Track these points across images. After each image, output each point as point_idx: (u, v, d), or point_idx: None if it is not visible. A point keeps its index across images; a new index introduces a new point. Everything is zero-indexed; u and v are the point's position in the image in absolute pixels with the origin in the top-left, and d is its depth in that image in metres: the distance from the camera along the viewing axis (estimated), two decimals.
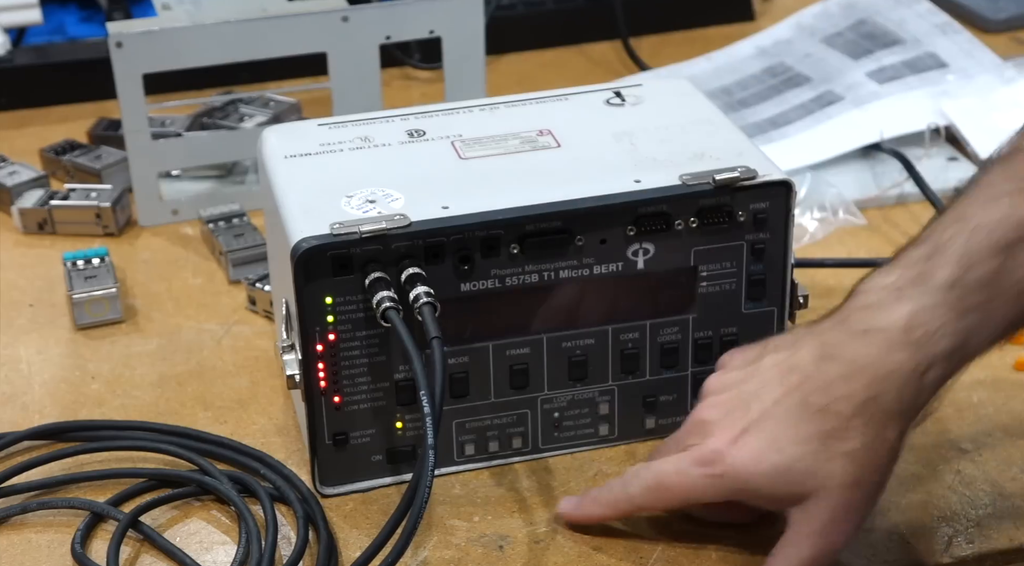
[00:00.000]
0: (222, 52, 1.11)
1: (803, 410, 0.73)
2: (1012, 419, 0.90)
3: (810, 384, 0.74)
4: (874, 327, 0.73)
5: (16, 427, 0.91)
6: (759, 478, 0.74)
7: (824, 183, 1.13)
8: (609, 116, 0.91)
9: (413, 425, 0.85)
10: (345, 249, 0.79)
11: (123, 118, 1.11)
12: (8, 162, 1.19)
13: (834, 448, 0.73)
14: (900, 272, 0.74)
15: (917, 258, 0.74)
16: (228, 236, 1.08)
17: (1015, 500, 0.83)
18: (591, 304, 0.85)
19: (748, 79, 1.32)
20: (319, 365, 0.81)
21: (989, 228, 0.73)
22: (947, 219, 0.75)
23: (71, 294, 1.01)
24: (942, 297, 0.72)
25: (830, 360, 0.73)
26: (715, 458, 0.74)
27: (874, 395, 0.72)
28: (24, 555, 0.81)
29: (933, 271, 0.73)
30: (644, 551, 0.80)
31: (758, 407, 0.74)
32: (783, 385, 0.74)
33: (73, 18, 1.48)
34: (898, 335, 0.72)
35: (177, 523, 0.84)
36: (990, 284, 0.72)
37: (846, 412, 0.73)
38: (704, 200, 0.83)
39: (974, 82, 1.25)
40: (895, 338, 0.72)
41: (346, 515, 0.84)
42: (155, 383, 0.96)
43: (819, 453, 0.73)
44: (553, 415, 0.87)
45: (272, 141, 0.90)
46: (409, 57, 1.38)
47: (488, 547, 0.81)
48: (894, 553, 0.80)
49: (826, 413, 0.73)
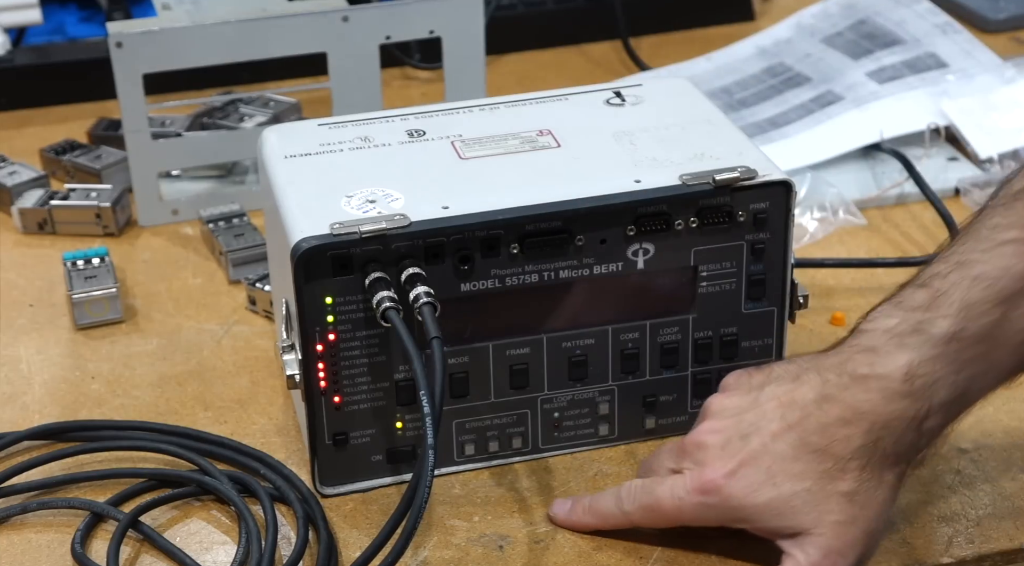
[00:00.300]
0: (222, 52, 1.11)
1: (801, 448, 0.74)
2: (1012, 419, 0.90)
3: (809, 423, 0.74)
4: (874, 373, 0.73)
5: (16, 427, 0.91)
6: (754, 510, 0.74)
7: (824, 183, 1.13)
8: (609, 116, 0.91)
9: (413, 425, 0.85)
10: (345, 249, 0.79)
11: (123, 118, 1.11)
12: (8, 162, 1.19)
13: (830, 487, 0.73)
14: (902, 317, 0.74)
15: (918, 303, 0.74)
16: (228, 236, 1.08)
17: (1015, 500, 0.83)
18: (591, 304, 0.85)
19: (748, 79, 1.32)
20: (319, 365, 0.81)
21: (990, 279, 0.73)
22: (949, 261, 0.75)
23: (71, 294, 1.01)
24: (942, 350, 0.73)
25: (831, 401, 0.74)
26: (711, 488, 0.75)
27: (872, 441, 0.73)
28: (24, 555, 0.81)
29: (933, 321, 0.73)
30: (644, 551, 0.80)
31: (757, 440, 0.75)
32: (783, 420, 0.75)
33: (73, 18, 1.48)
34: (898, 385, 0.73)
35: (177, 523, 0.84)
36: (990, 336, 0.73)
37: (844, 455, 0.73)
38: (704, 200, 0.83)
39: (974, 82, 1.25)
40: (895, 387, 0.73)
41: (346, 515, 0.84)
42: (155, 383, 0.96)
43: (815, 491, 0.73)
44: (553, 415, 0.87)
45: (272, 141, 0.90)
46: (409, 57, 1.38)
47: (488, 547, 0.81)
48: (894, 553, 0.80)
49: (824, 454, 0.74)
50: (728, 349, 0.87)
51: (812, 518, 0.74)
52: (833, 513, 0.73)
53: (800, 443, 0.74)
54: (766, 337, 0.87)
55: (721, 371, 0.83)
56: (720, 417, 0.77)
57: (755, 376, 0.78)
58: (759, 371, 0.79)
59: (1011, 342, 0.73)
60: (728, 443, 0.75)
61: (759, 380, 0.78)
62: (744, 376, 0.79)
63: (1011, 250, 0.73)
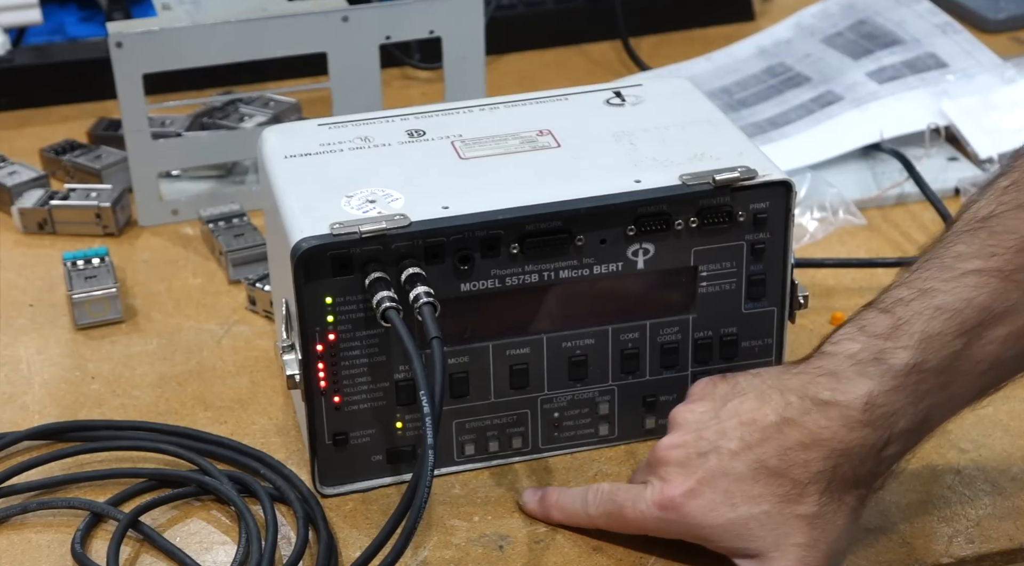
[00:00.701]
0: (222, 52, 1.11)
1: (759, 471, 0.74)
2: (1012, 419, 0.90)
3: (769, 446, 0.74)
4: (835, 401, 0.73)
5: (16, 427, 0.91)
6: (712, 531, 0.75)
7: (824, 183, 1.13)
8: (609, 116, 0.91)
9: (413, 425, 0.85)
10: (345, 249, 0.79)
11: (123, 118, 1.11)
12: (8, 162, 1.19)
13: (788, 511, 0.73)
14: (864, 343, 0.74)
15: (880, 330, 0.74)
16: (228, 236, 1.08)
17: (1015, 500, 0.83)
18: (591, 304, 0.85)
19: (748, 79, 1.32)
20: (319, 365, 0.82)
21: (952, 310, 0.72)
22: (912, 287, 0.74)
23: (71, 294, 1.01)
24: (901, 381, 0.72)
25: (791, 425, 0.74)
26: (670, 505, 0.75)
27: (831, 467, 0.73)
28: (24, 555, 0.81)
29: (893, 352, 0.73)
30: (644, 551, 0.80)
31: (715, 460, 0.75)
32: (742, 440, 0.74)
33: (73, 18, 1.48)
34: (857, 413, 0.72)
35: (177, 523, 0.84)
36: (951, 368, 0.72)
37: (802, 479, 0.73)
38: (704, 200, 0.83)
39: (974, 82, 1.25)
40: (854, 416, 0.73)
41: (346, 515, 0.84)
42: (155, 383, 0.96)
43: (773, 515, 0.73)
44: (553, 415, 0.87)
45: (272, 141, 0.90)
46: (409, 57, 1.38)
47: (488, 547, 0.81)
48: (894, 553, 0.80)
49: (782, 477, 0.73)
50: (728, 349, 0.87)
51: (771, 541, 0.73)
52: (793, 536, 0.73)
53: (758, 465, 0.74)
54: (766, 337, 0.87)
55: (721, 371, 0.83)
56: (682, 431, 0.77)
57: (720, 386, 0.78)
58: (724, 381, 0.78)
59: (972, 372, 0.73)
60: (688, 460, 0.75)
61: (724, 391, 0.78)
62: (710, 385, 0.79)
63: (973, 281, 0.73)
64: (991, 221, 0.74)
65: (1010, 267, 0.72)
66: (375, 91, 1.15)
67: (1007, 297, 0.72)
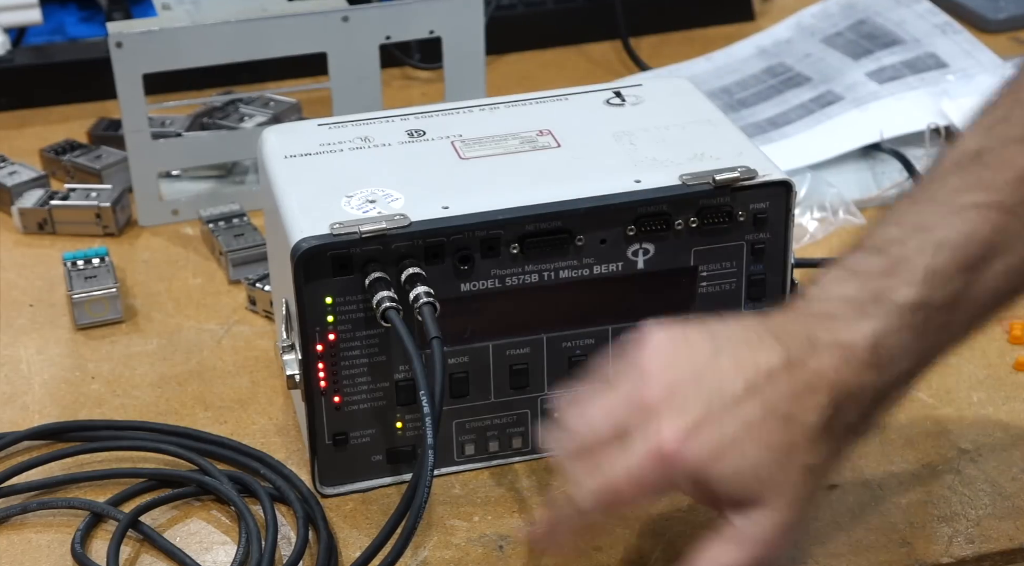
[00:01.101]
0: (222, 52, 1.11)
1: (769, 415, 0.69)
2: (1012, 419, 0.90)
3: (777, 389, 0.69)
4: (839, 342, 0.69)
5: (16, 427, 0.91)
6: (718, 476, 0.69)
7: (824, 183, 1.13)
8: (609, 116, 0.91)
9: (413, 425, 0.85)
10: (345, 249, 0.79)
11: (123, 118, 1.11)
12: (8, 162, 1.19)
13: (797, 459, 0.69)
14: (859, 285, 0.70)
15: (875, 271, 0.70)
16: (228, 236, 1.08)
17: (1015, 500, 0.83)
18: (591, 304, 0.84)
19: (748, 79, 1.32)
20: (319, 365, 0.82)
21: (955, 245, 0.70)
22: (904, 225, 0.71)
23: (71, 294, 1.01)
24: (908, 319, 0.69)
25: (798, 367, 0.69)
26: (669, 449, 0.68)
27: (838, 410, 0.69)
28: (24, 555, 0.81)
29: (896, 289, 0.69)
30: (644, 551, 0.80)
31: (719, 401, 0.69)
32: (747, 383, 0.69)
33: (73, 18, 1.48)
34: (864, 355, 0.69)
35: (177, 523, 0.84)
36: (954, 304, 0.70)
37: (811, 422, 0.69)
38: (704, 200, 0.83)
39: (974, 82, 1.25)
40: (862, 357, 0.69)
41: (346, 515, 0.84)
42: (155, 383, 0.96)
43: (783, 463, 0.69)
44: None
45: (272, 141, 0.90)
46: (409, 57, 1.38)
47: (488, 547, 0.81)
48: (894, 553, 0.80)
49: (792, 422, 0.69)
50: None
51: (774, 491, 0.69)
52: (793, 486, 0.69)
53: (768, 409, 0.69)
54: None
55: None
56: (664, 376, 0.70)
57: (690, 333, 0.71)
58: (696, 332, 0.71)
59: (970, 309, 0.70)
60: (685, 405, 0.69)
61: (697, 337, 0.71)
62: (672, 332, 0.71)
63: (974, 215, 0.70)
64: (984, 156, 0.71)
65: (1011, 200, 0.70)
66: (375, 91, 1.15)
67: (1008, 230, 0.70)
